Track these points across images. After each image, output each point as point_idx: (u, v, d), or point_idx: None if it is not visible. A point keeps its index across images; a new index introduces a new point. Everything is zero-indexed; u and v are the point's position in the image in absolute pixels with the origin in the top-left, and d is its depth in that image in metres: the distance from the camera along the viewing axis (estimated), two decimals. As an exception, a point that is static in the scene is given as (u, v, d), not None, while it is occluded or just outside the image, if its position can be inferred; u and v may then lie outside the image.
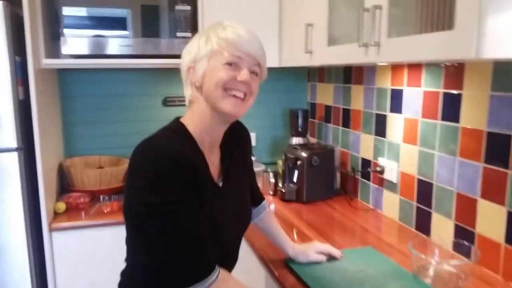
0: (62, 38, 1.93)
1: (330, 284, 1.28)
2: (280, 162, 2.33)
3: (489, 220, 1.38)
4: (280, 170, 2.32)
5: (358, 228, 1.79)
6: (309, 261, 1.42)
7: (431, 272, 1.35)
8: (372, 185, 2.03)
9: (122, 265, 1.19)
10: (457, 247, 1.41)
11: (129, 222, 1.08)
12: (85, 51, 1.97)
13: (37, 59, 1.83)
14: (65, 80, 2.34)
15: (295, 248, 1.44)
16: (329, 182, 2.19)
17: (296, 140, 2.43)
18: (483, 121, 1.38)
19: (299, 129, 2.45)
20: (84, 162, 2.32)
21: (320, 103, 2.54)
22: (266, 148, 2.70)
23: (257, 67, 1.08)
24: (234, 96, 1.05)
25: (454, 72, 1.50)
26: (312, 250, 1.44)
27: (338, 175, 2.25)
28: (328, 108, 2.44)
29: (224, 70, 1.04)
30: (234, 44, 1.03)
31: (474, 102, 1.42)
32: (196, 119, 1.10)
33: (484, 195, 1.39)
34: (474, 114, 1.42)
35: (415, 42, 1.14)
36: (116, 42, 2.00)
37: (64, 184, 2.24)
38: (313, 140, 2.60)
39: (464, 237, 1.46)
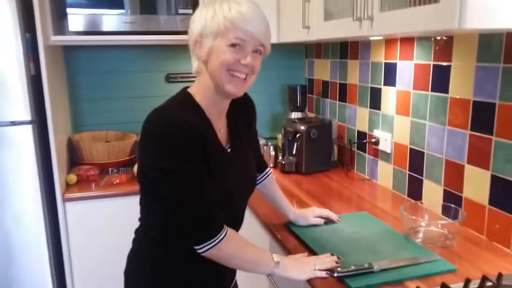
0: (68, 16, 2.00)
1: (327, 243, 1.38)
2: (279, 136, 2.42)
3: (474, 184, 1.48)
4: (279, 144, 2.42)
5: (355, 196, 1.89)
6: (308, 224, 1.52)
7: (421, 233, 1.45)
8: (367, 156, 2.13)
9: (131, 231, 1.28)
10: (446, 211, 1.51)
11: (143, 187, 1.17)
12: (89, 28, 2.04)
13: (46, 36, 1.91)
14: (71, 57, 2.41)
15: (295, 213, 1.54)
16: (327, 154, 2.29)
17: (294, 115, 2.52)
18: (469, 91, 1.46)
19: (298, 104, 2.53)
20: (91, 136, 2.41)
21: (317, 79, 2.62)
22: (266, 123, 2.79)
23: (261, 47, 1.13)
24: (237, 76, 1.12)
25: (443, 45, 1.57)
26: (311, 214, 1.54)
27: (335, 148, 2.35)
28: (325, 83, 2.51)
29: (228, 52, 1.09)
30: (240, 26, 1.07)
31: (461, 73, 1.50)
32: (202, 90, 1.17)
33: (470, 161, 1.49)
34: (461, 85, 1.50)
35: (405, 15, 1.22)
36: (119, 19, 2.07)
37: (74, 158, 2.33)
38: (311, 115, 2.69)
39: (453, 201, 1.56)
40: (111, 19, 2.06)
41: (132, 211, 2.03)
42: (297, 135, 2.20)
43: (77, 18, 2.02)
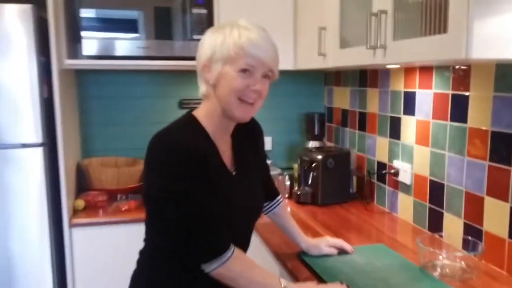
0: (82, 40, 2.20)
1: (339, 274, 1.48)
2: (296, 166, 2.54)
3: (494, 217, 1.57)
4: (296, 174, 2.54)
5: (372, 229, 1.98)
6: (321, 253, 1.62)
7: (438, 267, 1.53)
8: (387, 188, 2.23)
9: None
10: (466, 244, 1.60)
11: (148, 207, 1.30)
12: (103, 52, 2.24)
13: (60, 60, 2.11)
14: (83, 81, 2.61)
15: (308, 242, 1.65)
16: (345, 185, 2.40)
17: (312, 144, 2.64)
18: (488, 121, 1.57)
19: (315, 133, 2.67)
20: (101, 162, 2.57)
21: (337, 107, 2.75)
22: (283, 153, 2.92)
23: (269, 72, 1.26)
24: (245, 101, 1.25)
25: (462, 74, 1.69)
26: (324, 243, 1.64)
27: (354, 179, 2.45)
28: (344, 112, 2.65)
29: (238, 78, 1.22)
30: (249, 52, 1.19)
31: (479, 103, 1.61)
32: (209, 113, 1.30)
33: (490, 193, 1.58)
34: (480, 114, 1.61)
35: (417, 45, 1.35)
36: (134, 44, 2.26)
37: (82, 183, 2.49)
38: (330, 144, 2.81)
39: (473, 234, 1.64)
40: (125, 44, 2.26)
41: (139, 239, 2.17)
42: (313, 165, 2.32)
43: (91, 42, 2.22)
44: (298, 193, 2.36)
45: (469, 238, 1.59)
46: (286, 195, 2.48)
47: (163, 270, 1.29)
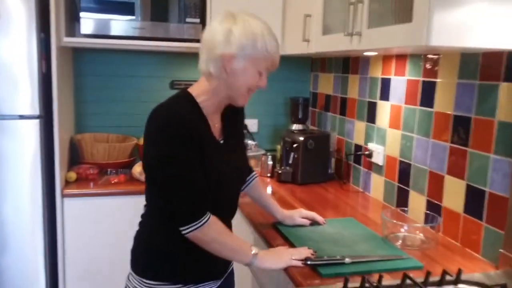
0: (81, 19, 2.32)
1: (309, 241, 1.62)
2: (279, 147, 2.68)
3: (452, 193, 1.72)
4: (278, 155, 2.68)
5: (346, 207, 2.13)
6: (294, 224, 1.77)
7: (400, 239, 1.69)
8: (362, 169, 2.38)
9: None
10: (427, 219, 1.76)
11: (146, 173, 1.44)
12: (100, 31, 2.36)
13: (58, 37, 2.22)
14: (80, 59, 2.72)
15: (283, 213, 1.79)
16: (324, 166, 2.54)
17: (295, 127, 2.78)
18: (451, 106, 1.72)
19: (299, 117, 2.80)
20: (93, 137, 2.69)
21: (321, 92, 2.89)
22: (268, 135, 3.06)
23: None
24: (250, 93, 1.42)
25: (432, 62, 1.84)
26: (298, 215, 1.80)
27: (333, 161, 2.60)
28: (328, 97, 2.79)
29: (257, 77, 1.38)
30: (274, 61, 1.38)
31: (445, 89, 1.76)
32: (206, 91, 1.42)
33: (450, 172, 1.73)
34: (445, 100, 1.76)
35: (387, 32, 1.49)
36: (129, 24, 2.38)
37: (74, 157, 2.61)
38: (313, 128, 2.95)
39: (434, 210, 1.79)
40: (121, 24, 2.38)
41: (128, 210, 2.33)
42: (295, 145, 2.46)
43: (89, 22, 2.33)
44: (279, 172, 2.50)
45: (430, 213, 1.74)
46: (268, 174, 2.62)
47: (158, 228, 1.43)
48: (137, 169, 2.45)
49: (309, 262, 1.43)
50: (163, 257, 1.42)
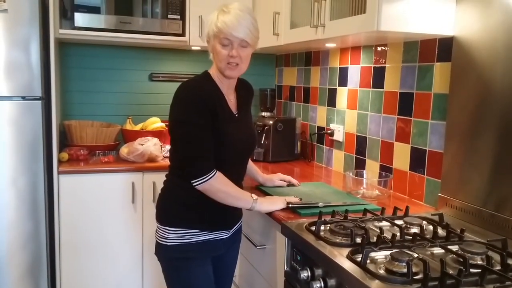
0: (75, 13, 2.59)
1: (287, 196, 1.97)
2: (250, 132, 3.02)
3: (400, 156, 2.11)
4: (250, 138, 3.01)
5: (313, 177, 2.49)
6: (274, 185, 2.12)
7: (360, 194, 2.05)
8: (325, 147, 2.75)
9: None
10: (380, 177, 2.13)
11: (170, 136, 1.73)
12: (90, 25, 2.63)
13: (55, 29, 2.47)
14: (65, 52, 2.96)
15: (264, 177, 2.14)
16: (291, 147, 2.90)
17: (264, 114, 3.12)
18: (397, 85, 2.11)
19: (268, 106, 3.15)
20: (79, 124, 2.93)
21: (286, 85, 3.26)
22: (238, 124, 3.39)
23: (244, 42, 1.70)
24: (230, 63, 1.69)
25: (381, 51, 2.23)
26: (276, 178, 2.15)
27: (298, 143, 2.96)
28: (292, 88, 3.16)
29: (222, 50, 1.65)
30: (224, 32, 1.63)
31: (392, 72, 2.15)
32: (215, 71, 1.75)
33: (398, 139, 2.12)
34: (392, 81, 2.15)
35: (346, 22, 1.86)
36: (118, 19, 2.66)
37: (63, 141, 2.84)
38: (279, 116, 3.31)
39: (386, 171, 2.18)
40: (111, 19, 2.66)
41: (117, 186, 2.61)
42: (265, 128, 2.81)
43: (82, 16, 2.60)
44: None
45: (383, 172, 2.13)
46: (242, 155, 2.94)
47: (179, 184, 1.72)
48: (125, 150, 2.70)
49: (290, 206, 1.77)
50: (183, 208, 1.72)
